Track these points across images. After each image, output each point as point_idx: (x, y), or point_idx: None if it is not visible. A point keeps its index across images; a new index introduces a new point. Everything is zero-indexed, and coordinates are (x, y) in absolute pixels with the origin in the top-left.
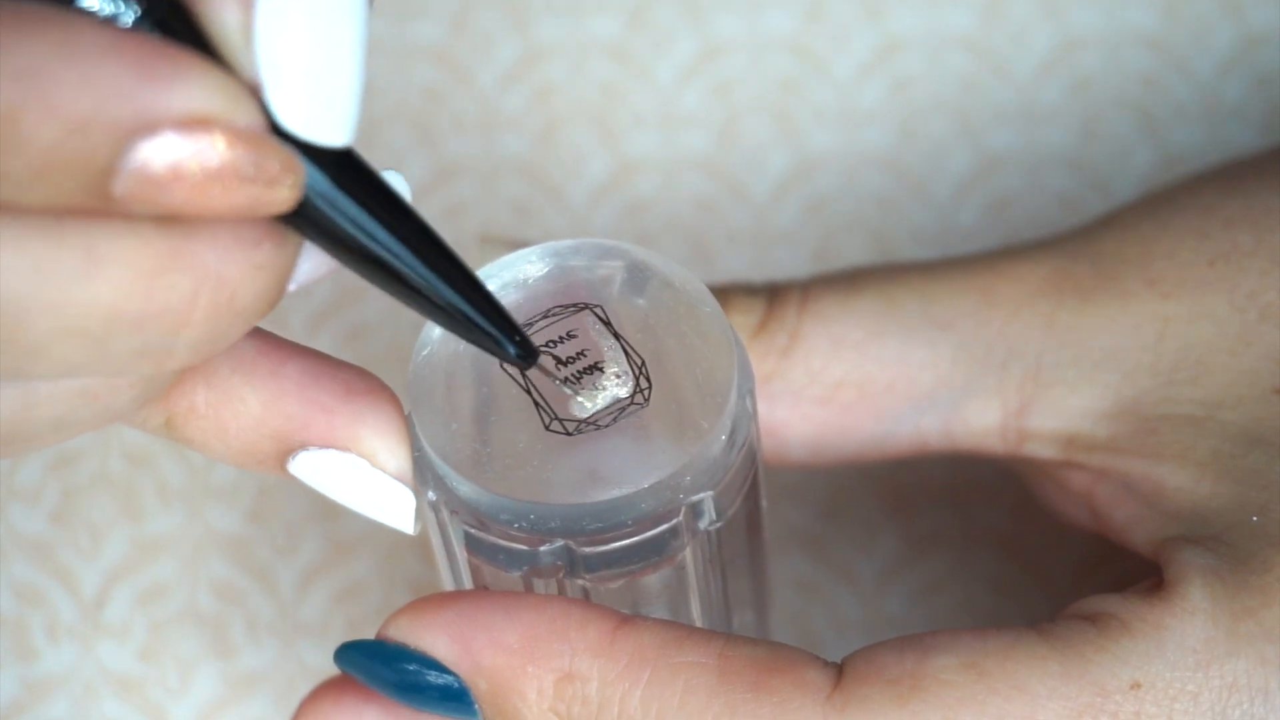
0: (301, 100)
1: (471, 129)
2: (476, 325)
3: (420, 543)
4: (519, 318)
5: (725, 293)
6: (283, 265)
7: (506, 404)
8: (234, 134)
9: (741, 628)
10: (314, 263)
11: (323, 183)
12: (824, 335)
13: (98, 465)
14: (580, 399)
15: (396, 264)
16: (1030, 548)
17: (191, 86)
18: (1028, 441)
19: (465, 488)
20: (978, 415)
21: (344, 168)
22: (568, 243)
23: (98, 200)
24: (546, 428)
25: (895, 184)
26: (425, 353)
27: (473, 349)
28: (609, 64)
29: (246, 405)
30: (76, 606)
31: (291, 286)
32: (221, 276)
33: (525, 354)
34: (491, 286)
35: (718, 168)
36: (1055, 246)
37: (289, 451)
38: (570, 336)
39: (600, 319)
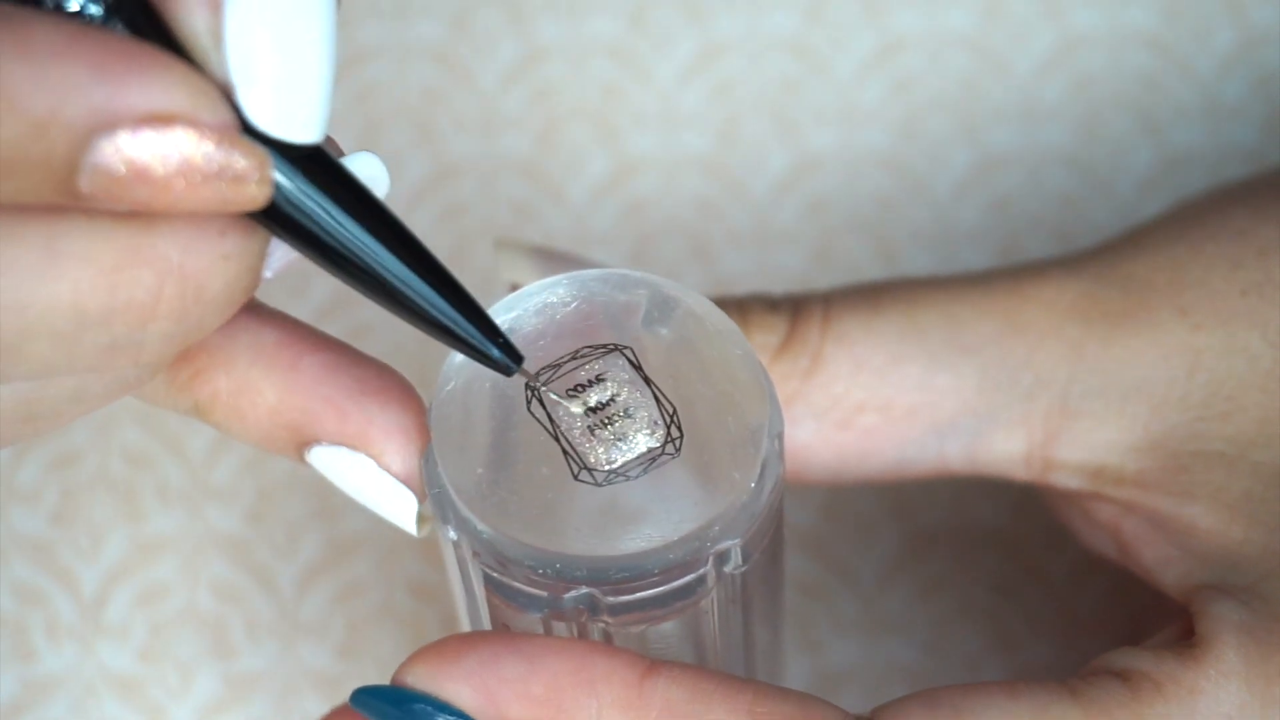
0: (272, 100)
1: (471, 129)
2: (455, 330)
3: (421, 543)
4: (546, 352)
5: (745, 308)
6: (252, 254)
7: (534, 450)
8: (199, 130)
9: (761, 645)
10: (286, 248)
11: (296, 180)
12: (846, 358)
13: (98, 465)
14: (608, 449)
15: (373, 265)
16: (1030, 548)
17: (151, 84)
18: (1053, 471)
19: (490, 533)
20: (1002, 444)
21: (316, 164)
22: (594, 273)
23: (67, 196)
24: (575, 477)
25: (895, 184)
26: (449, 388)
27: (497, 387)
28: (609, 64)
29: (263, 396)
30: (76, 607)
31: (268, 274)
32: (185, 269)
33: (509, 358)
34: (514, 315)
35: (718, 168)
36: (1081, 268)
37: (304, 443)
38: (599, 380)
39: (631, 363)
